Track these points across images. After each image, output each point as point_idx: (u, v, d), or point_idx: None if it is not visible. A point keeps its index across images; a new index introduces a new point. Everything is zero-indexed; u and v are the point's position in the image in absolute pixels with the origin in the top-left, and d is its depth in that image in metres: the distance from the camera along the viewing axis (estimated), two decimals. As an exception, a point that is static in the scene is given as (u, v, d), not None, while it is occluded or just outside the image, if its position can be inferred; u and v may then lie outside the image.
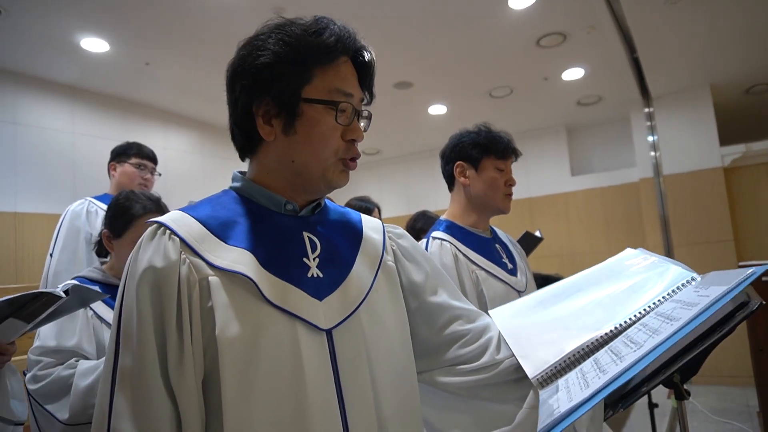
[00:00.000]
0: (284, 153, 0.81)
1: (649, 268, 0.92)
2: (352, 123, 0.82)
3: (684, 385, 1.58)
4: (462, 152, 1.63)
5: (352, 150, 0.83)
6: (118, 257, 1.61)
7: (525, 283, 1.62)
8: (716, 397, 4.61)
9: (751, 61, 4.61)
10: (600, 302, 0.89)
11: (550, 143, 6.40)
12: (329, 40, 0.79)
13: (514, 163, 1.66)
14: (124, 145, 2.44)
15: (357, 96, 0.83)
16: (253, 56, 0.79)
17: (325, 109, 0.79)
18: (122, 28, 3.50)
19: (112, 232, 1.59)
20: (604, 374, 0.68)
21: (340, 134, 0.81)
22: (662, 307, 0.79)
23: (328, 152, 0.80)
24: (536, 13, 3.59)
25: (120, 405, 0.69)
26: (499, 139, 1.61)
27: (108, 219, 1.62)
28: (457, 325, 0.94)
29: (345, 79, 0.81)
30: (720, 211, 5.09)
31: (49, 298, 1.03)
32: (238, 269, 0.73)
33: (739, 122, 5.93)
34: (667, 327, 0.71)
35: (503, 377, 0.90)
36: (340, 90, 0.80)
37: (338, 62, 0.80)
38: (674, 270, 0.87)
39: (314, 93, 0.79)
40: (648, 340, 0.70)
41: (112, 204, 1.64)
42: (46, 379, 1.39)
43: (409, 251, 0.97)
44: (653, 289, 0.85)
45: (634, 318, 0.81)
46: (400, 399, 0.82)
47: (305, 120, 0.79)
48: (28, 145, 4.00)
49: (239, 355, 0.69)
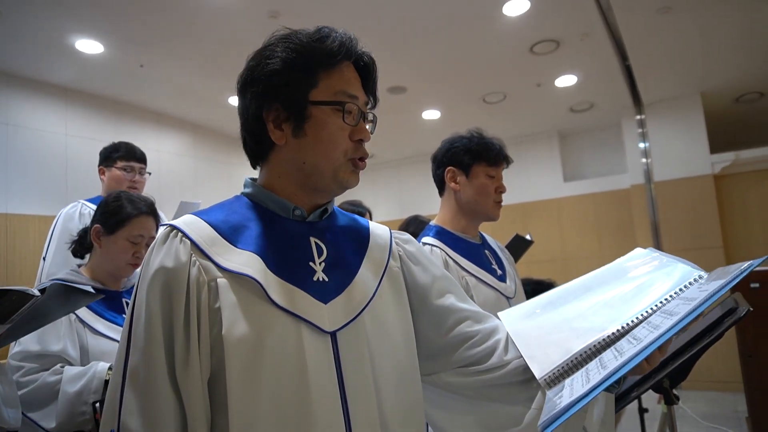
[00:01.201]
0: (295, 155, 0.83)
1: (656, 267, 0.92)
2: (358, 123, 0.85)
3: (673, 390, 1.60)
4: (453, 157, 1.63)
5: (360, 150, 0.85)
6: (104, 255, 1.57)
7: (514, 289, 1.63)
8: (706, 402, 4.65)
9: (742, 70, 4.67)
10: (607, 302, 0.89)
11: (543, 149, 6.44)
12: (332, 45, 0.82)
13: (506, 169, 1.66)
14: (110, 148, 2.40)
15: (361, 99, 0.86)
16: (262, 65, 0.82)
17: (332, 111, 0.82)
18: (117, 30, 3.49)
19: (104, 228, 1.57)
20: (604, 369, 0.69)
21: (348, 135, 0.84)
22: (668, 305, 0.79)
23: (338, 152, 0.83)
24: (530, 20, 3.61)
25: (129, 401, 0.71)
26: (491, 145, 1.61)
27: (100, 215, 1.59)
28: (465, 326, 0.95)
29: (349, 82, 0.84)
30: (710, 217, 5.14)
31: (20, 296, 0.97)
32: (245, 272, 0.75)
33: (729, 130, 6.00)
34: (667, 322, 0.71)
35: (511, 378, 0.90)
36: (345, 92, 0.83)
37: (341, 66, 0.84)
38: (681, 268, 0.87)
39: (321, 96, 0.82)
40: (648, 335, 0.71)
41: (105, 202, 1.61)
42: (30, 386, 1.33)
43: (415, 256, 0.98)
44: (660, 288, 0.85)
45: (640, 317, 0.81)
46: (402, 401, 0.83)
47: (314, 122, 0.82)
48: (21, 146, 3.98)
49: (245, 355, 0.71)
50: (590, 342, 0.82)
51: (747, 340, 3.72)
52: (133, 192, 2.40)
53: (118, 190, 1.66)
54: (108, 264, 1.58)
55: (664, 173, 5.38)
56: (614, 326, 0.82)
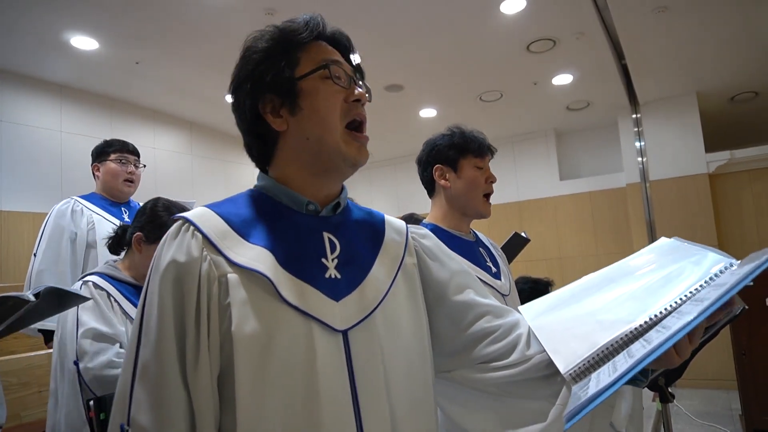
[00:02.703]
0: (298, 135, 0.83)
1: (684, 256, 0.88)
2: (350, 85, 0.84)
3: (668, 388, 1.60)
4: (439, 155, 1.63)
5: (354, 111, 0.84)
6: (143, 260, 1.63)
7: (509, 286, 1.63)
8: (700, 400, 4.67)
9: (737, 69, 4.69)
10: (633, 294, 0.85)
11: (540, 147, 6.44)
12: (300, 24, 0.84)
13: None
14: (102, 144, 2.40)
15: (346, 66, 0.86)
16: (248, 60, 0.84)
17: (320, 79, 0.82)
18: (113, 26, 3.47)
19: (146, 237, 1.62)
20: (631, 358, 0.67)
21: (343, 99, 0.83)
22: (700, 294, 0.75)
23: (335, 117, 0.82)
24: (527, 18, 3.62)
25: (139, 395, 0.71)
26: (474, 138, 1.61)
27: (142, 223, 1.64)
28: (485, 322, 0.93)
29: (327, 51, 0.85)
30: (705, 216, 5.17)
31: (15, 302, 1.00)
32: (256, 267, 0.74)
33: (724, 129, 6.02)
34: (697, 308, 0.69)
35: (534, 373, 0.87)
36: (327, 58, 0.84)
37: (317, 43, 0.85)
38: (711, 257, 0.83)
39: (305, 69, 0.82)
40: (677, 322, 0.68)
41: (150, 208, 1.66)
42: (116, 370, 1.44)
43: (432, 251, 0.97)
44: (690, 277, 0.81)
45: (669, 308, 0.77)
46: (413, 401, 0.82)
47: (306, 94, 0.82)
48: (15, 143, 3.95)
49: (254, 352, 0.70)
50: (617, 334, 0.78)
51: (741, 339, 3.75)
52: (129, 187, 2.40)
53: (161, 198, 1.68)
54: (146, 267, 1.65)
55: (660, 172, 5.40)
56: (642, 317, 0.78)
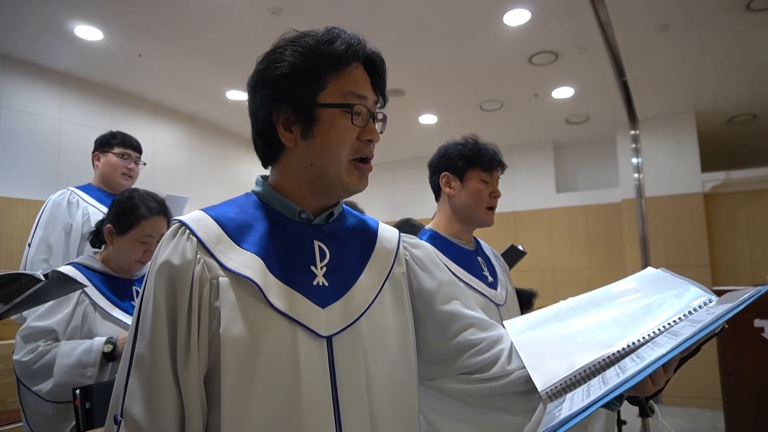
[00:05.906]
0: (304, 157, 0.84)
1: (667, 287, 0.91)
2: (367, 124, 0.85)
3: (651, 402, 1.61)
4: (448, 163, 1.65)
5: (364, 150, 0.86)
6: (116, 253, 1.65)
7: (505, 296, 1.64)
8: (686, 418, 4.69)
9: (736, 91, 4.72)
10: (615, 319, 0.88)
11: (537, 159, 6.48)
12: (340, 48, 0.83)
13: (501, 177, 1.68)
14: (108, 135, 2.41)
15: (371, 99, 0.87)
16: (271, 69, 0.83)
17: (340, 113, 0.83)
18: (118, 17, 3.47)
19: (116, 229, 1.63)
20: (606, 386, 0.69)
21: (357, 135, 0.84)
22: (676, 327, 0.78)
23: (344, 153, 0.83)
24: (530, 30, 3.64)
25: (133, 387, 0.74)
26: (485, 151, 1.63)
27: (112, 215, 1.65)
28: (469, 334, 0.95)
29: (357, 82, 0.85)
30: (698, 235, 5.19)
31: (28, 279, 1.08)
32: (245, 273, 0.77)
33: (721, 150, 6.06)
34: (671, 342, 0.71)
35: (513, 388, 0.90)
36: (354, 93, 0.84)
37: (350, 68, 0.84)
38: (693, 291, 0.86)
39: (329, 98, 0.82)
40: (651, 354, 0.71)
41: (118, 201, 1.67)
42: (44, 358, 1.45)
43: (423, 261, 0.99)
44: (669, 309, 0.84)
45: (647, 337, 0.80)
46: (395, 408, 0.84)
47: (322, 124, 0.82)
48: (14, 129, 3.94)
49: (240, 354, 0.73)
50: (595, 358, 0.81)
51: (728, 358, 3.76)
52: (126, 181, 2.40)
53: (128, 189, 1.70)
54: (119, 260, 1.67)
55: (655, 189, 5.43)
56: (620, 344, 0.80)
